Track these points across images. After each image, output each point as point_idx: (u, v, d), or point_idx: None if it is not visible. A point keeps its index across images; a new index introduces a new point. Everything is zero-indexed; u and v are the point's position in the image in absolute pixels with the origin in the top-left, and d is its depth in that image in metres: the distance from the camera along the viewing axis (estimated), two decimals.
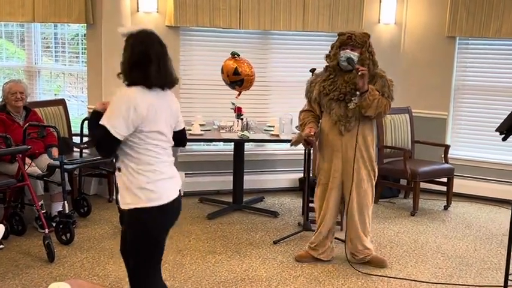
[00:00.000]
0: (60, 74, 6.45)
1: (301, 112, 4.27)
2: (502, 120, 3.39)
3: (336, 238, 4.74)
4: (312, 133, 4.03)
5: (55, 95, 6.35)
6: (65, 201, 4.51)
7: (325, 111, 4.08)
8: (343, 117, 3.97)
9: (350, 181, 4.04)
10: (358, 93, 3.85)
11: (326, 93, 4.01)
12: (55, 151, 4.82)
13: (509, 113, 5.64)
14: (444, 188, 5.79)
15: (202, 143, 6.07)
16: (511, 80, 6.04)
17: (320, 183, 4.20)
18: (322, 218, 4.21)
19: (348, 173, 4.05)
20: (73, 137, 5.68)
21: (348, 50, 3.95)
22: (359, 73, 3.79)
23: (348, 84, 3.93)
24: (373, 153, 4.13)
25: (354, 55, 3.94)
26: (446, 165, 5.81)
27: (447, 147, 5.97)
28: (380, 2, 6.29)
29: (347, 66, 3.95)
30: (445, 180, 5.77)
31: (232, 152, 5.67)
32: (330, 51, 4.10)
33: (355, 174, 4.03)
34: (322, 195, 4.19)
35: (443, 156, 5.96)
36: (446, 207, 5.76)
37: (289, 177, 6.28)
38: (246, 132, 5.14)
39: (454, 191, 5.81)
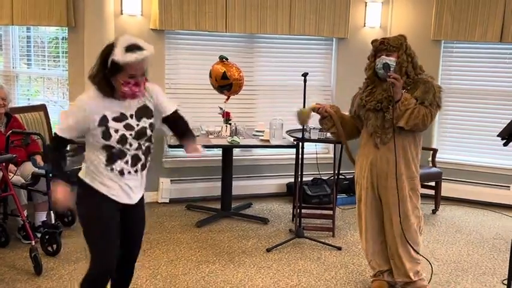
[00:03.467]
0: (39, 79, 6.24)
1: None
2: (504, 126, 3.35)
3: (330, 245, 4.70)
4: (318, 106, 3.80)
5: (28, 99, 6.14)
6: (51, 211, 4.34)
7: (364, 123, 3.75)
8: (379, 128, 3.61)
9: (388, 198, 3.65)
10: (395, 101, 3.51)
11: (363, 105, 3.68)
12: (39, 159, 4.64)
13: (497, 116, 5.77)
14: (432, 192, 5.79)
15: None
16: (496, 83, 6.09)
17: (361, 200, 3.82)
18: (364, 239, 3.84)
19: (385, 189, 3.66)
20: None
21: (383, 56, 3.60)
22: (388, 80, 3.47)
23: (386, 92, 3.57)
24: (415, 169, 3.69)
25: (390, 60, 3.58)
26: (434, 169, 5.81)
27: (435, 151, 5.97)
28: (365, 5, 6.28)
29: (384, 73, 3.57)
30: (433, 184, 5.77)
31: (219, 158, 5.58)
32: (367, 62, 3.76)
33: (392, 193, 3.62)
34: (360, 213, 3.84)
35: (430, 160, 5.97)
36: (434, 211, 5.76)
37: (277, 183, 6.21)
38: (235, 138, 5.04)
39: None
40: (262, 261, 4.37)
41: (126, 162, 2.73)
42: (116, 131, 2.65)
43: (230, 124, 5.28)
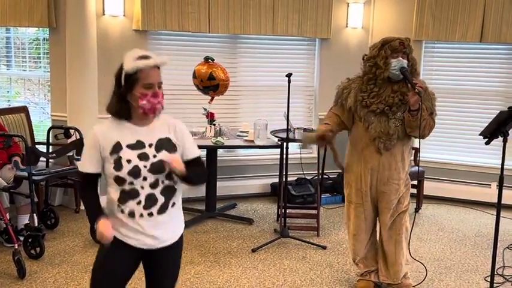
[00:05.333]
0: (19, 80, 6.17)
1: (328, 112, 3.83)
2: (485, 125, 3.42)
3: (315, 244, 4.72)
4: (327, 129, 3.63)
5: (8, 101, 6.06)
6: (34, 214, 4.30)
7: (361, 123, 3.60)
8: (383, 134, 3.51)
9: (387, 202, 3.65)
10: (407, 109, 3.46)
11: (365, 105, 3.54)
12: (19, 161, 4.59)
13: (479, 115, 5.85)
14: (414, 191, 5.83)
15: None
16: (477, 83, 6.18)
17: (351, 202, 3.78)
18: (355, 240, 3.82)
19: (384, 194, 3.65)
20: (35, 146, 5.44)
21: (399, 58, 3.47)
22: (416, 90, 3.34)
23: (396, 95, 3.48)
24: (408, 171, 3.71)
25: (406, 64, 3.47)
26: (416, 168, 5.85)
27: (417, 150, 6.02)
28: (347, 6, 6.32)
29: (399, 76, 3.46)
30: (415, 182, 5.81)
31: (203, 158, 5.56)
32: (373, 61, 3.54)
33: (391, 197, 3.65)
34: (354, 215, 3.77)
35: (412, 158, 6.02)
36: (417, 210, 5.82)
37: (261, 183, 6.22)
38: (220, 139, 5.04)
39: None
40: (248, 262, 4.37)
41: (139, 203, 2.40)
42: (129, 161, 2.36)
43: (214, 125, 5.27)
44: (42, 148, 5.24)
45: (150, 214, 2.42)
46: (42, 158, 5.03)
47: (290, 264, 4.35)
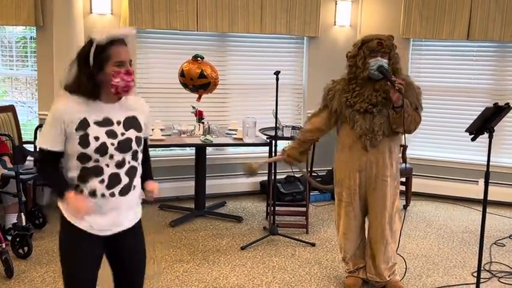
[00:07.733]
0: (6, 79, 6.13)
1: (309, 118, 3.92)
2: (472, 121, 3.44)
3: (303, 242, 4.74)
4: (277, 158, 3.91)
5: None
6: (22, 213, 4.27)
7: (347, 123, 3.64)
8: (368, 131, 3.54)
9: (376, 200, 3.67)
10: (391, 106, 3.46)
11: (350, 105, 3.57)
12: (8, 160, 4.56)
13: (465, 112, 5.89)
14: (403, 188, 5.86)
15: (159, 148, 5.90)
16: (464, 80, 6.22)
17: (342, 201, 3.79)
18: (345, 239, 3.84)
19: (373, 191, 3.67)
20: (23, 145, 5.41)
21: (378, 58, 3.48)
22: (396, 87, 3.34)
23: (379, 93, 3.49)
24: (398, 168, 3.74)
25: (386, 62, 3.48)
26: (404, 165, 5.89)
27: (405, 147, 6.05)
28: (335, 4, 6.35)
29: (378, 75, 3.48)
30: (403, 179, 5.85)
31: (191, 157, 5.57)
32: (353, 60, 3.59)
33: (380, 194, 3.66)
34: (344, 214, 3.79)
35: (401, 156, 6.04)
36: (405, 207, 5.85)
37: (250, 181, 6.21)
38: (209, 137, 5.04)
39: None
40: (237, 259, 4.38)
41: (101, 182, 2.33)
42: (96, 138, 2.30)
43: (203, 123, 5.27)
44: (30, 147, 5.21)
45: (112, 194, 2.36)
46: (29, 157, 5.01)
47: (279, 261, 4.37)
